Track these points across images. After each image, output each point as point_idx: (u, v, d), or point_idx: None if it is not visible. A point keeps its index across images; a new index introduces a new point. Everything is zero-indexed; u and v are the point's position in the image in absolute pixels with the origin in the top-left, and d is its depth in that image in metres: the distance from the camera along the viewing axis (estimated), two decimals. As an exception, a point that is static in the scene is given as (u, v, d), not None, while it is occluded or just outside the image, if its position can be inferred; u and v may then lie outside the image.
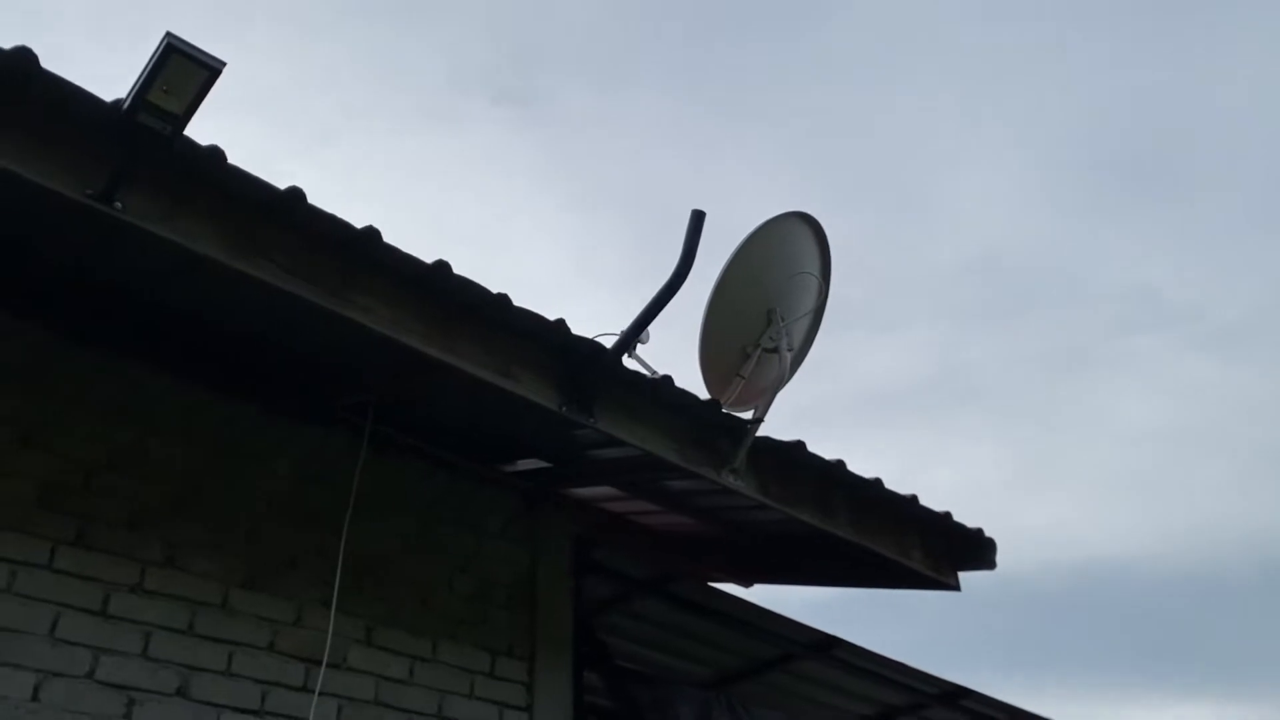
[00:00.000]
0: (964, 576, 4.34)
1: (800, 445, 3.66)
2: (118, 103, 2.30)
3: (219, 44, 2.21)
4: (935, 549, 4.24)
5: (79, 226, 2.69)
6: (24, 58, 2.21)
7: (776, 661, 5.34)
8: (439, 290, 2.92)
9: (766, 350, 3.65)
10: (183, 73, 2.24)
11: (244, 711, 3.11)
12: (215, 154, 2.46)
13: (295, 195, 2.60)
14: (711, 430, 3.57)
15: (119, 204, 2.39)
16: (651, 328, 3.85)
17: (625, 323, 3.40)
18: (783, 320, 3.62)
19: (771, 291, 3.61)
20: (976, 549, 4.28)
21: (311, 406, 3.65)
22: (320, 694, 3.28)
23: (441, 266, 2.83)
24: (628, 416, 3.34)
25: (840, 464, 3.76)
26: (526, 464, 4.18)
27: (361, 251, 2.78)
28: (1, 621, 2.78)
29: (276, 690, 3.20)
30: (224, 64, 2.25)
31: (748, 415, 3.63)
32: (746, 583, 5.15)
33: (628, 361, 3.26)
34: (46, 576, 2.90)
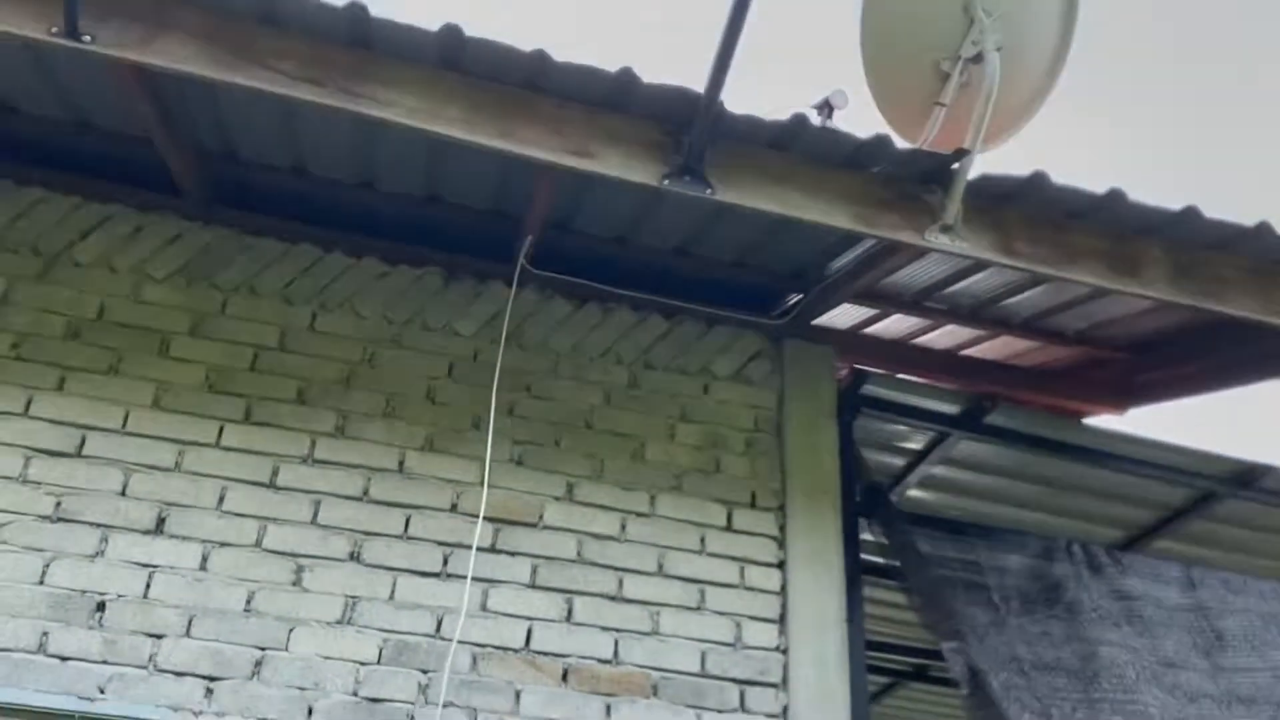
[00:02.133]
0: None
1: (1042, 176, 2.67)
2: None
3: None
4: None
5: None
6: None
7: (1190, 508, 4.14)
8: (465, 64, 2.50)
9: (972, 62, 2.69)
10: None
11: (423, 574, 2.94)
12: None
13: (267, -11, 2.33)
14: (902, 182, 2.72)
15: (87, 37, 2.29)
16: (849, 91, 3.11)
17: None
18: (986, 15, 2.65)
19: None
20: None
21: (498, 263, 3.39)
22: (515, 554, 3.02)
23: (451, 32, 2.40)
24: (764, 179, 2.64)
25: (1118, 194, 2.69)
26: (794, 296, 3.59)
27: (365, 41, 2.45)
28: (169, 498, 2.86)
29: (460, 551, 2.98)
30: None
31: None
32: (1118, 409, 4.01)
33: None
34: (214, 454, 2.94)
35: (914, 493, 4.13)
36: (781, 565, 3.24)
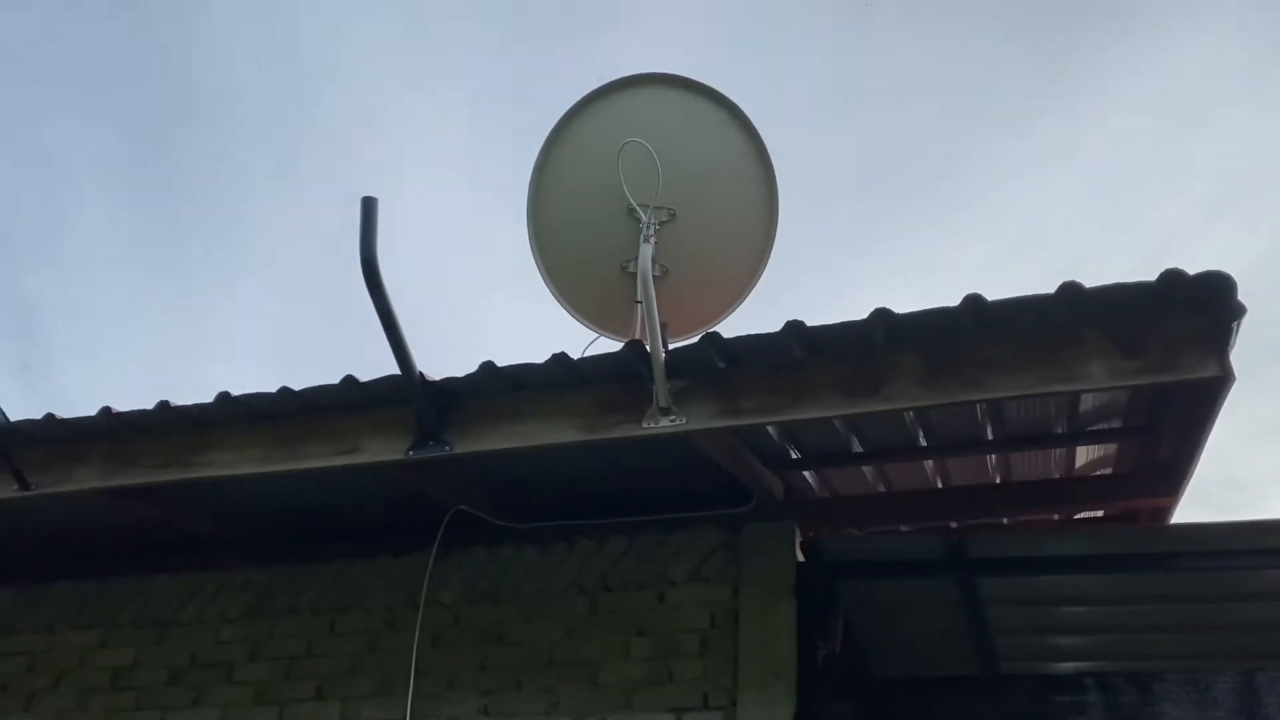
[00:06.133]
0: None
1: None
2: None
3: None
4: (1136, 339, 2.46)
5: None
6: None
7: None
8: (271, 413, 3.14)
9: (656, 259, 2.81)
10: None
11: (397, 835, 3.31)
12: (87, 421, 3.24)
13: (119, 420, 3.20)
14: (628, 380, 2.85)
15: (34, 485, 3.29)
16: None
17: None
18: (645, 211, 2.78)
19: (622, 184, 2.82)
20: (1205, 304, 2.36)
21: (482, 530, 3.86)
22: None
23: (223, 398, 3.08)
24: (502, 421, 2.93)
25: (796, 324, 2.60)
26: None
27: (202, 421, 3.21)
28: (217, 800, 3.57)
29: (427, 808, 3.33)
30: None
31: (682, 342, 2.81)
32: (1167, 492, 3.37)
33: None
34: (251, 758, 3.64)
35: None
36: (730, 765, 3.15)
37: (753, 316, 3.05)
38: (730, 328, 2.80)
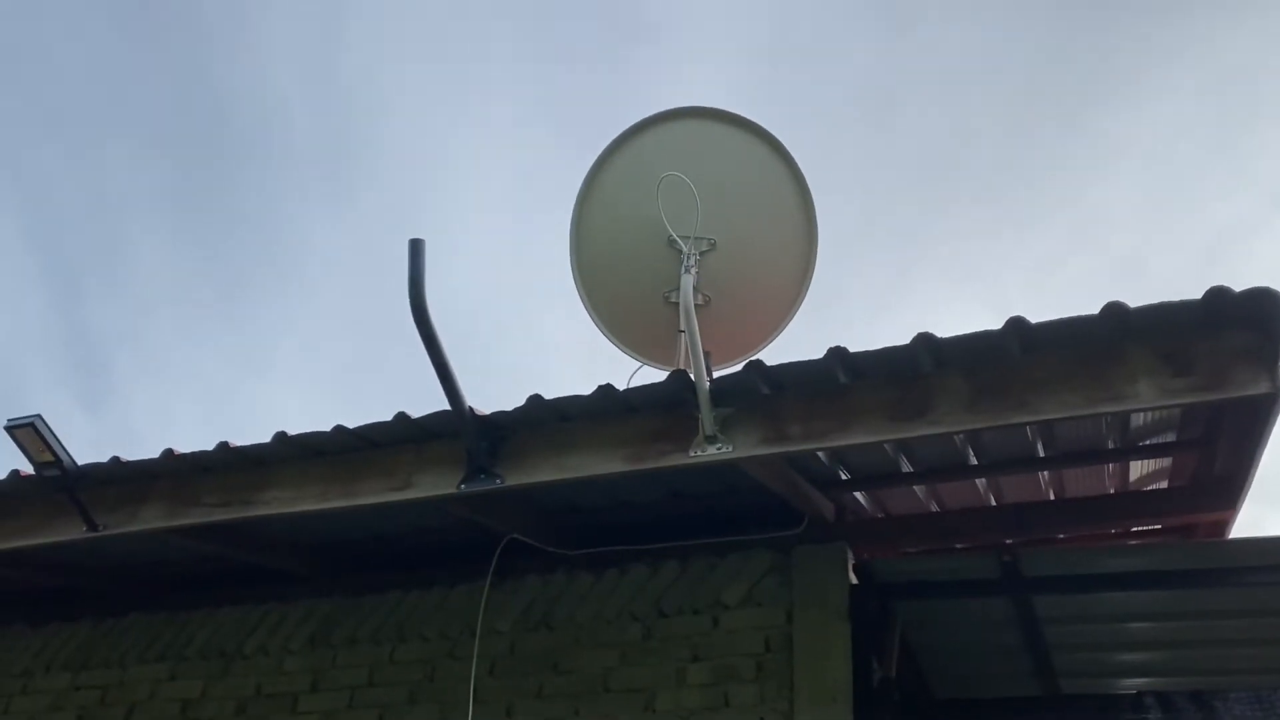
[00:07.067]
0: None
1: (771, 363, 2.69)
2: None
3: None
4: (1184, 357, 2.43)
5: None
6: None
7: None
8: (327, 450, 3.22)
9: (697, 288, 2.84)
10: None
11: None
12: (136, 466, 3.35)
13: (181, 461, 3.30)
14: (674, 408, 2.88)
15: (101, 526, 3.40)
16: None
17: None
18: (685, 242, 2.81)
19: (662, 217, 2.86)
20: (1253, 320, 2.34)
21: (531, 559, 3.91)
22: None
23: (280, 437, 3.16)
24: (552, 451, 2.97)
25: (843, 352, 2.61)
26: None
27: (260, 460, 3.29)
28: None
29: (490, 836, 3.37)
30: None
31: (720, 372, 2.84)
32: (1224, 506, 3.32)
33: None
34: (315, 789, 3.71)
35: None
36: (787, 789, 3.16)
37: (803, 326, 3.07)
38: (776, 348, 2.83)
